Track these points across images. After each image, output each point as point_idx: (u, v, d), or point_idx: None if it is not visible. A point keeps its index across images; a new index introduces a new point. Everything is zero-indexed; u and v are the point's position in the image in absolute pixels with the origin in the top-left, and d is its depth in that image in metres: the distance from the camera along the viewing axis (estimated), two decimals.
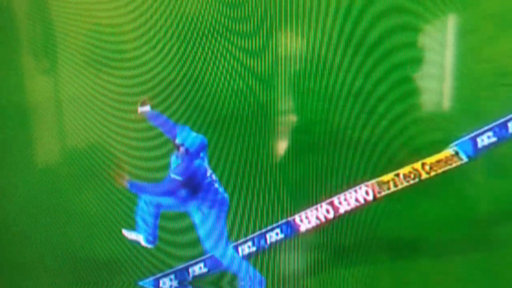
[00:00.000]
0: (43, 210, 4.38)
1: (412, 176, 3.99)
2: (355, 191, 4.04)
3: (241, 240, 4.16)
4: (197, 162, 3.97)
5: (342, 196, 4.05)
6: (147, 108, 4.07)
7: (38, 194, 4.38)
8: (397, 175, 4.00)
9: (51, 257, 4.36)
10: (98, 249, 4.30)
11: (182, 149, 3.97)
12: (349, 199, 4.05)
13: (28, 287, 4.43)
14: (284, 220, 4.12)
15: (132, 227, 4.20)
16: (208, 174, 4.03)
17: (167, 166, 4.05)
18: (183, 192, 4.02)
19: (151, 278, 4.26)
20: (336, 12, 3.93)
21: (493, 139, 3.91)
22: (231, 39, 4.02)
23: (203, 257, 4.21)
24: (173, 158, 4.05)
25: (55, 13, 4.26)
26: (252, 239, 4.16)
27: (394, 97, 3.98)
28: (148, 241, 4.18)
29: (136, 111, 4.08)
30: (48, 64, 4.33)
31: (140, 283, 4.28)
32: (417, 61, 3.97)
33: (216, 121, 4.13)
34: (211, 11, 4.04)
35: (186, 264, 4.23)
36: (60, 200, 4.35)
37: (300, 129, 4.08)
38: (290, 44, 3.99)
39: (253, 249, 4.18)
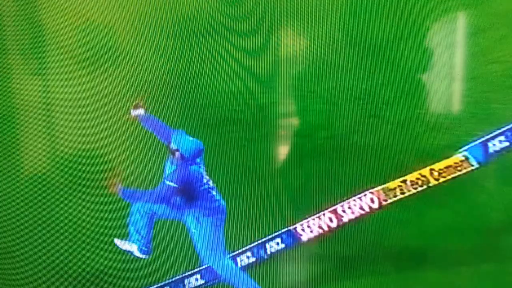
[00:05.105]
0: (30, 221, 4.29)
1: (419, 182, 3.96)
2: (360, 198, 4.01)
3: (240, 250, 4.12)
4: (193, 168, 3.92)
5: (345, 204, 4.02)
6: (140, 111, 4.01)
7: (24, 204, 4.30)
8: (404, 181, 3.97)
9: (39, 270, 4.26)
10: (89, 260, 4.22)
11: (177, 154, 3.91)
12: (353, 207, 4.02)
13: None
14: (285, 229, 4.09)
15: (125, 237, 4.12)
16: (205, 180, 3.96)
17: (161, 172, 4.00)
18: (178, 200, 3.96)
19: None
20: (340, 10, 3.90)
21: (505, 144, 3.88)
22: (229, 38, 4.01)
23: (199, 268, 4.14)
24: (167, 164, 3.99)
25: (43, 10, 4.20)
26: (251, 249, 4.12)
27: (401, 100, 3.96)
28: (141, 251, 4.11)
29: (129, 114, 4.03)
30: (36, 64, 4.27)
31: None
32: (425, 63, 3.94)
33: (213, 125, 4.11)
34: (208, 8, 4.02)
35: (182, 275, 4.16)
36: (48, 209, 4.27)
37: (301, 134, 4.06)
38: (291, 43, 3.97)
39: (252, 259, 4.14)
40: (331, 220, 4.03)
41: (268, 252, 4.11)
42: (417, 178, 3.95)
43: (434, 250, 3.97)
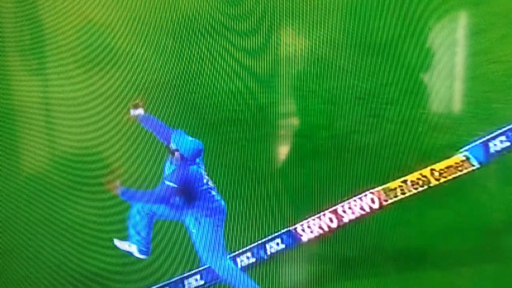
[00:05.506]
0: (29, 221, 4.26)
1: (420, 183, 3.94)
2: (360, 199, 3.99)
3: (240, 251, 4.10)
4: (192, 168, 3.90)
5: (346, 205, 4.00)
6: (140, 111, 4.00)
7: (23, 204, 4.27)
8: (405, 181, 3.95)
9: (38, 270, 4.24)
10: (88, 260, 4.19)
11: (177, 154, 3.90)
12: (354, 208, 4.00)
13: None
14: (285, 230, 4.06)
15: (125, 237, 4.10)
16: (204, 181, 3.95)
17: (161, 173, 3.98)
18: (177, 200, 3.95)
19: None
20: (341, 9, 3.89)
21: (506, 144, 3.86)
22: (229, 37, 3.98)
23: (199, 269, 4.12)
24: (167, 164, 3.97)
25: (43, 10, 4.17)
26: (251, 250, 4.10)
27: (401, 100, 3.94)
28: (141, 251, 4.09)
29: (129, 114, 4.01)
30: (35, 64, 4.24)
31: None
32: (426, 62, 3.92)
33: (213, 125, 4.08)
34: (208, 8, 3.99)
35: (181, 276, 4.13)
36: (47, 209, 4.24)
37: (302, 134, 4.04)
38: (292, 43, 3.95)
39: (252, 260, 4.11)
40: (331, 220, 4.01)
41: (268, 253, 4.09)
42: (418, 178, 3.93)
43: (434, 250, 3.94)
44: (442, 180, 3.91)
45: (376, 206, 3.98)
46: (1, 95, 4.24)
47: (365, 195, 3.98)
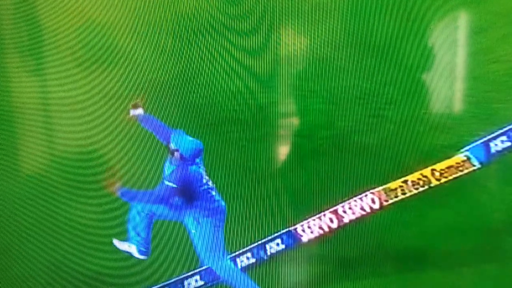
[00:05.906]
0: (28, 222, 4.25)
1: (421, 183, 3.93)
2: (361, 199, 3.98)
3: (240, 251, 4.09)
4: (192, 168, 3.89)
5: (346, 205, 3.99)
6: (139, 110, 3.99)
7: (22, 204, 4.26)
8: (405, 182, 3.94)
9: (36, 270, 4.22)
10: (87, 261, 4.17)
11: (176, 154, 3.88)
12: (354, 208, 3.99)
13: None
14: (285, 230, 4.05)
15: (124, 238, 4.09)
16: (204, 181, 3.93)
17: (160, 173, 3.97)
18: (177, 200, 3.93)
19: None
20: (341, 9, 3.88)
21: (507, 144, 3.87)
22: (229, 37, 3.98)
23: (199, 269, 4.11)
24: (167, 164, 3.96)
25: (42, 9, 4.16)
26: (251, 250, 4.09)
27: (402, 100, 3.94)
28: (140, 252, 4.08)
29: (128, 113, 4.00)
30: (34, 64, 4.22)
31: None
32: (426, 62, 3.92)
33: (212, 125, 4.08)
34: (208, 7, 3.99)
35: (181, 276, 4.12)
36: (47, 210, 4.22)
37: (302, 134, 4.03)
38: (292, 42, 3.95)
39: (252, 260, 4.10)
40: (331, 220, 4.00)
41: (268, 253, 4.08)
42: (419, 179, 3.93)
43: (435, 250, 3.94)
44: (443, 180, 3.91)
45: (376, 206, 3.97)
46: (0, 95, 4.24)
47: (366, 195, 3.97)
